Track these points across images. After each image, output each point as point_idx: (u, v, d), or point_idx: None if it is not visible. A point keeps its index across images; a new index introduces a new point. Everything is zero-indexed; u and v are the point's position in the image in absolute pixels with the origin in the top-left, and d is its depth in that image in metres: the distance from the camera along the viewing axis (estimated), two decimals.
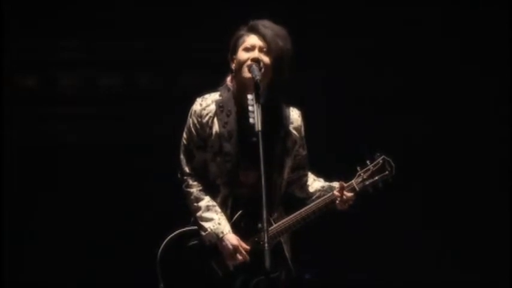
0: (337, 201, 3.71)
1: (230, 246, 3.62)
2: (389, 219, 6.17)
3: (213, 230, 3.64)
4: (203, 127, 3.71)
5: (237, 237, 3.64)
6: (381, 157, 3.80)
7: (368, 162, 3.79)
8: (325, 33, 6.20)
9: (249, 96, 3.48)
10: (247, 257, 3.63)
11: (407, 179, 5.40)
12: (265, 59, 3.64)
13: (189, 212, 3.74)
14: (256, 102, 3.43)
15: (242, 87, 3.66)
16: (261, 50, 3.65)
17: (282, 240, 3.72)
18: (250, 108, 3.45)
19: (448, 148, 6.31)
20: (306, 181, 3.87)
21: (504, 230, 6.15)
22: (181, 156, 3.77)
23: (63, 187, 6.15)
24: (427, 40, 6.30)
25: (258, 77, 3.51)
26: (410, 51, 6.30)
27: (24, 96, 6.27)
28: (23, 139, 6.17)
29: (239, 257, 3.62)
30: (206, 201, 3.69)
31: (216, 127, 3.69)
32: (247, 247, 3.64)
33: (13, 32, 5.97)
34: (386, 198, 4.91)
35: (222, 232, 3.63)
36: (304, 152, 3.85)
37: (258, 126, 3.36)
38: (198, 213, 3.68)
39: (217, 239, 3.63)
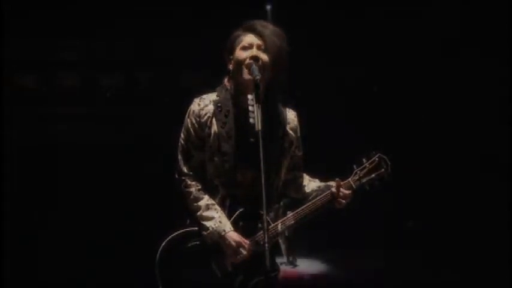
0: (335, 200, 3.71)
1: (233, 243, 3.60)
2: (389, 218, 6.17)
3: (215, 229, 3.61)
4: (202, 127, 3.69)
5: (239, 235, 3.62)
6: (377, 155, 3.78)
7: (364, 160, 3.78)
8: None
9: (249, 97, 3.47)
10: (251, 253, 3.60)
11: (406, 178, 5.42)
12: (264, 57, 3.61)
13: (187, 212, 3.73)
14: (256, 103, 3.41)
15: (241, 87, 3.64)
16: (258, 47, 3.62)
17: (280, 240, 3.70)
18: (250, 108, 3.43)
19: (448, 147, 6.32)
20: (302, 182, 3.85)
21: (504, 230, 6.15)
22: (179, 157, 3.74)
23: (63, 187, 6.16)
24: (426, 34, 6.31)
25: (258, 77, 3.48)
26: (409, 46, 6.30)
27: (24, 96, 6.29)
28: (23, 139, 6.18)
29: (243, 252, 3.59)
30: (205, 200, 3.67)
31: (214, 127, 3.67)
32: (249, 243, 3.62)
33: (13, 32, 5.97)
34: (386, 196, 4.91)
35: (224, 230, 3.61)
36: (300, 153, 3.84)
37: (258, 126, 3.35)
38: (199, 213, 3.66)
39: (219, 237, 3.61)
